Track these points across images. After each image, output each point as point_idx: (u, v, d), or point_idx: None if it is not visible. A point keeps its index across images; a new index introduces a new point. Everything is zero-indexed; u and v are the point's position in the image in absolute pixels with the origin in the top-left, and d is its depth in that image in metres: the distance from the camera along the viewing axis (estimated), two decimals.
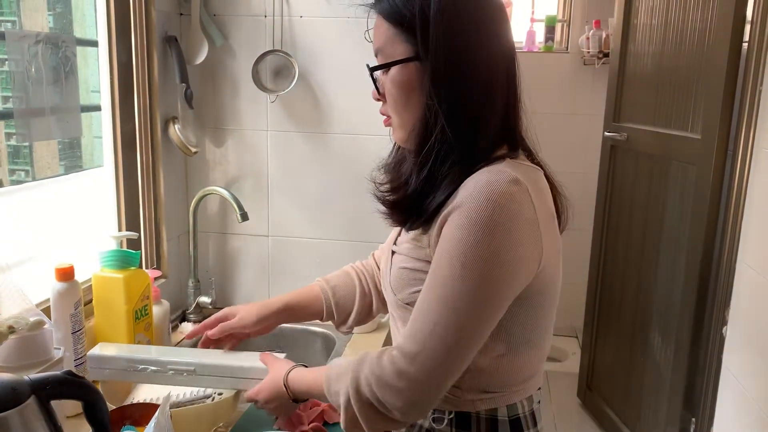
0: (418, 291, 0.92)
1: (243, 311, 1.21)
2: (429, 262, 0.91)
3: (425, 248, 0.93)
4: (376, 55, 0.96)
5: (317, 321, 1.25)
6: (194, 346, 1.57)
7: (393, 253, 1.02)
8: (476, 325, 0.86)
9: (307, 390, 1.02)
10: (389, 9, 0.91)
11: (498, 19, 0.92)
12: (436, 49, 0.88)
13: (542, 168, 0.97)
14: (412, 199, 0.93)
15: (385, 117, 0.99)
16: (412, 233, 0.97)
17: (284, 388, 1.04)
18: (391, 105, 0.95)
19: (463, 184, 0.88)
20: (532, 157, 0.98)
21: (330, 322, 1.25)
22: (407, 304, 0.95)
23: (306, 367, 1.07)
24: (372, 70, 0.96)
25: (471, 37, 0.89)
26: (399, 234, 1.05)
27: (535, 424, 1.00)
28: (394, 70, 0.92)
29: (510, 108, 0.94)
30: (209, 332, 1.21)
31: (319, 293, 1.22)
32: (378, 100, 0.99)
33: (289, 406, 1.09)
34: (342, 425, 0.92)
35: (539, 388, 1.02)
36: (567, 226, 1.00)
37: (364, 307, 1.21)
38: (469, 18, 0.89)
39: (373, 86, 0.99)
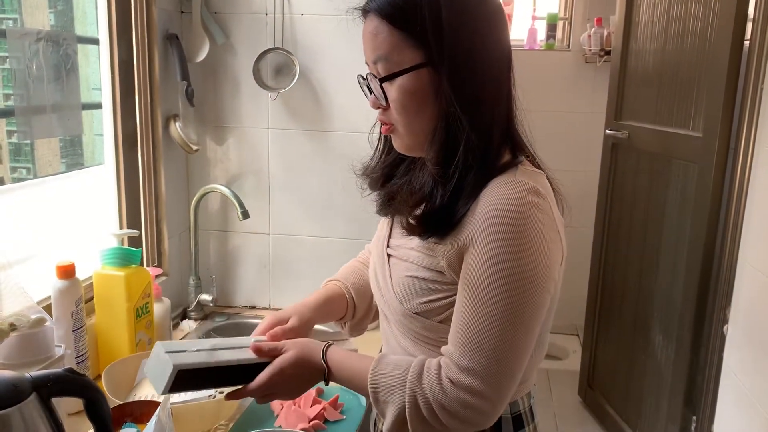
0: (430, 301, 0.92)
1: (294, 311, 1.06)
2: (442, 273, 0.90)
3: (438, 258, 0.90)
4: (374, 63, 0.90)
5: None
6: None
7: (389, 256, 1.00)
8: (531, 338, 0.87)
9: (348, 379, 0.93)
10: (395, 14, 0.86)
11: (500, 19, 0.91)
12: (453, 53, 0.85)
13: (543, 170, 0.97)
14: (439, 213, 0.89)
15: (386, 125, 0.94)
16: (415, 238, 0.94)
17: (322, 364, 0.94)
18: (400, 113, 0.90)
19: (482, 197, 0.86)
20: (532, 159, 0.97)
21: (340, 328, 1.18)
22: (416, 313, 0.93)
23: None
24: (382, 80, 0.89)
25: (483, 38, 0.88)
26: (390, 234, 1.03)
27: (533, 418, 1.01)
28: (403, 77, 0.87)
29: (510, 107, 0.94)
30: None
31: (341, 290, 1.14)
32: (378, 107, 0.94)
33: (308, 385, 0.97)
34: (385, 427, 0.90)
35: (534, 384, 1.04)
36: (568, 224, 1.01)
37: None
38: (477, 18, 0.87)
39: (370, 94, 0.94)
